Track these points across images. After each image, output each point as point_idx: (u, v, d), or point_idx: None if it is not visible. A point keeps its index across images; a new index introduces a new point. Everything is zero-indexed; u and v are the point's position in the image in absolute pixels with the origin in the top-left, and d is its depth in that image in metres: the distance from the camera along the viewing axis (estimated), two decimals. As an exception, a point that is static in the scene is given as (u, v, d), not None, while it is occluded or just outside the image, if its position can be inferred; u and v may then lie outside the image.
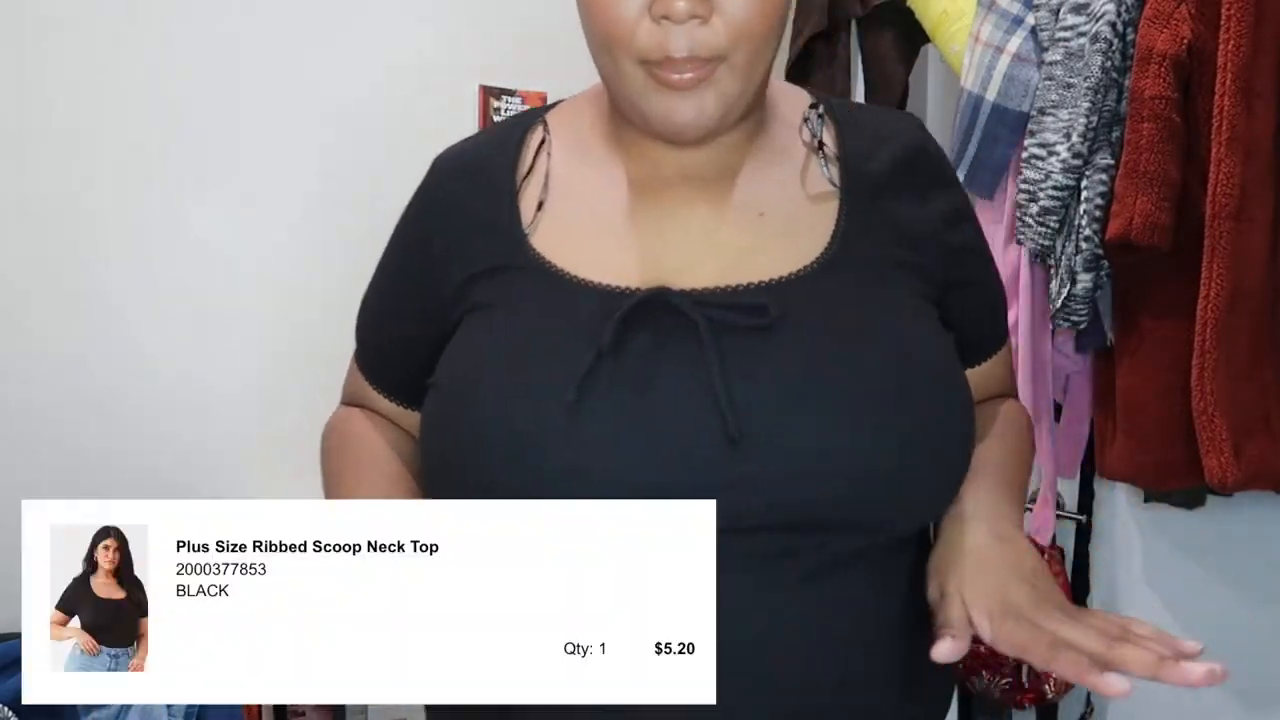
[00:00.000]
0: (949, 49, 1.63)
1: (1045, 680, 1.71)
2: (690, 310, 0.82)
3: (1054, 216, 1.47)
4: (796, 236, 0.88)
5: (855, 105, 1.01)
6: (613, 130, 0.93)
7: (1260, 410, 1.39)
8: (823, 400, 0.79)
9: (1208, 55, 1.36)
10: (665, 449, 0.77)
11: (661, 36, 0.80)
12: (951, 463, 0.85)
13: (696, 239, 0.88)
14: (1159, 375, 1.45)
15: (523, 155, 0.95)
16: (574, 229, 0.90)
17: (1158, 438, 1.47)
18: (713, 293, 0.84)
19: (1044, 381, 1.57)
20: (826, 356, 0.81)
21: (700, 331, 0.81)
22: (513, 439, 0.79)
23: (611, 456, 0.77)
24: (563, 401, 0.79)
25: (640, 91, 0.84)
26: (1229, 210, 1.34)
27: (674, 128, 0.85)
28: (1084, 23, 1.43)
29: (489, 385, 0.83)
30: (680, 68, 0.81)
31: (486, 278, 0.90)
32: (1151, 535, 1.75)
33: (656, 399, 0.80)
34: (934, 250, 0.91)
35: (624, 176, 0.92)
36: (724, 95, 0.83)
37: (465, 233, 0.93)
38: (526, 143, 0.96)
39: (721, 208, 0.89)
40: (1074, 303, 1.47)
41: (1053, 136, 1.44)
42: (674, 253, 0.88)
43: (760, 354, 0.81)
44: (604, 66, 0.86)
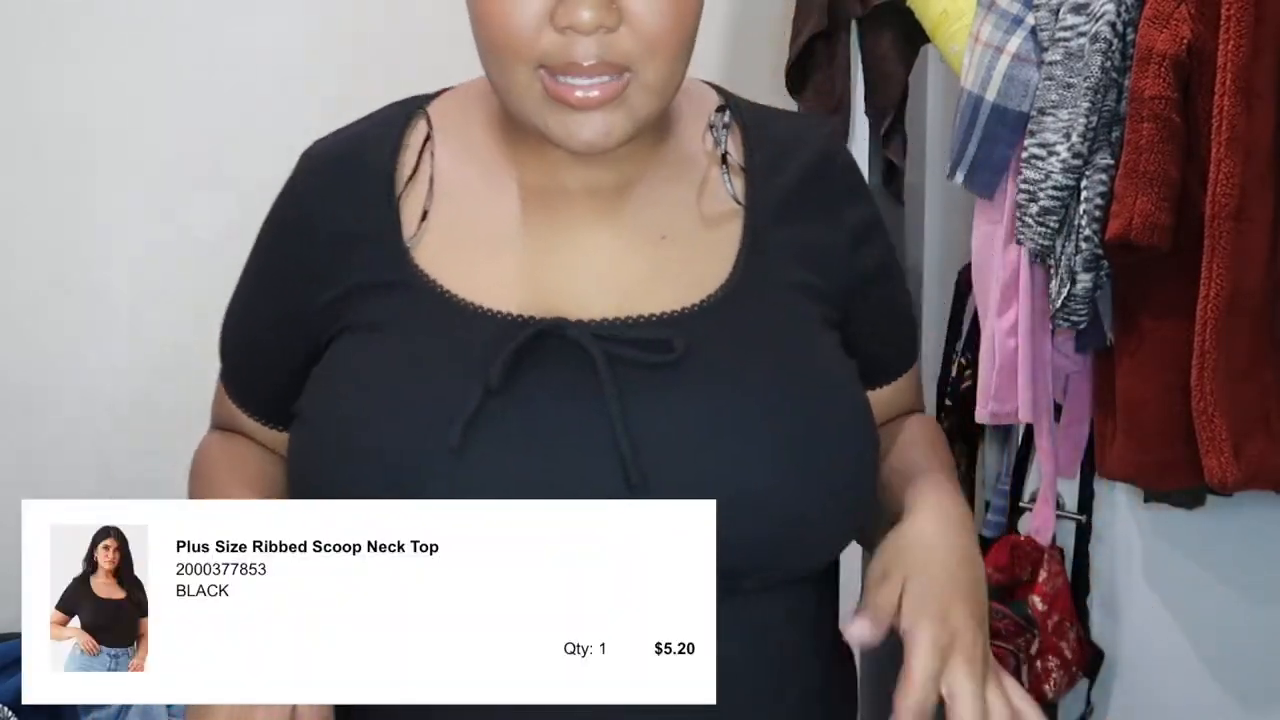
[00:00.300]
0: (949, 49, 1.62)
1: (1045, 680, 1.71)
2: (589, 345, 0.77)
3: (1054, 216, 1.46)
4: (699, 262, 0.83)
5: (764, 109, 0.95)
6: (505, 133, 0.86)
7: (1260, 410, 1.39)
8: (726, 443, 0.76)
9: (1208, 55, 1.36)
10: (558, 495, 0.72)
11: (566, 44, 0.75)
12: (859, 499, 0.82)
13: (596, 265, 0.82)
14: (1159, 375, 1.45)
15: (403, 155, 0.86)
16: (462, 244, 0.83)
17: (1157, 438, 1.47)
18: (612, 324, 0.79)
19: (1044, 381, 1.56)
20: (731, 396, 0.78)
21: (598, 368, 0.76)
22: (390, 485, 0.73)
23: None
24: (446, 444, 0.73)
25: (536, 107, 0.77)
26: (1229, 210, 1.34)
27: (577, 145, 0.78)
28: (1084, 23, 1.43)
29: (366, 421, 0.76)
30: (587, 83, 0.75)
31: (363, 294, 0.82)
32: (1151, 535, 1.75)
33: (550, 441, 0.74)
34: (840, 272, 0.87)
35: (517, 185, 0.84)
36: (635, 114, 0.78)
37: (339, 240, 0.84)
38: (407, 140, 0.86)
39: (622, 230, 0.84)
40: (1074, 303, 1.47)
41: (1052, 136, 1.44)
42: (572, 279, 0.81)
43: (662, 393, 0.76)
44: (497, 78, 0.79)
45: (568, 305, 0.80)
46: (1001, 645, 1.73)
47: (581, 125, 0.77)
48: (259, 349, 0.90)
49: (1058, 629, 1.72)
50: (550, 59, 0.75)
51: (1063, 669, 1.72)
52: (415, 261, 0.81)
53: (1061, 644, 1.72)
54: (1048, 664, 1.71)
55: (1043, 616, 1.71)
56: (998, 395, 1.55)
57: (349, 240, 0.83)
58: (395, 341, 0.79)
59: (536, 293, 0.81)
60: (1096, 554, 1.80)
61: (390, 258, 0.82)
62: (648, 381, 0.76)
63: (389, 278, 0.81)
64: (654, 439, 0.74)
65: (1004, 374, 1.54)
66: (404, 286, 0.81)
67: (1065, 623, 1.72)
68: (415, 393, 0.76)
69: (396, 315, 0.80)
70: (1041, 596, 1.72)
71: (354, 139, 0.89)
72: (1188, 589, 1.73)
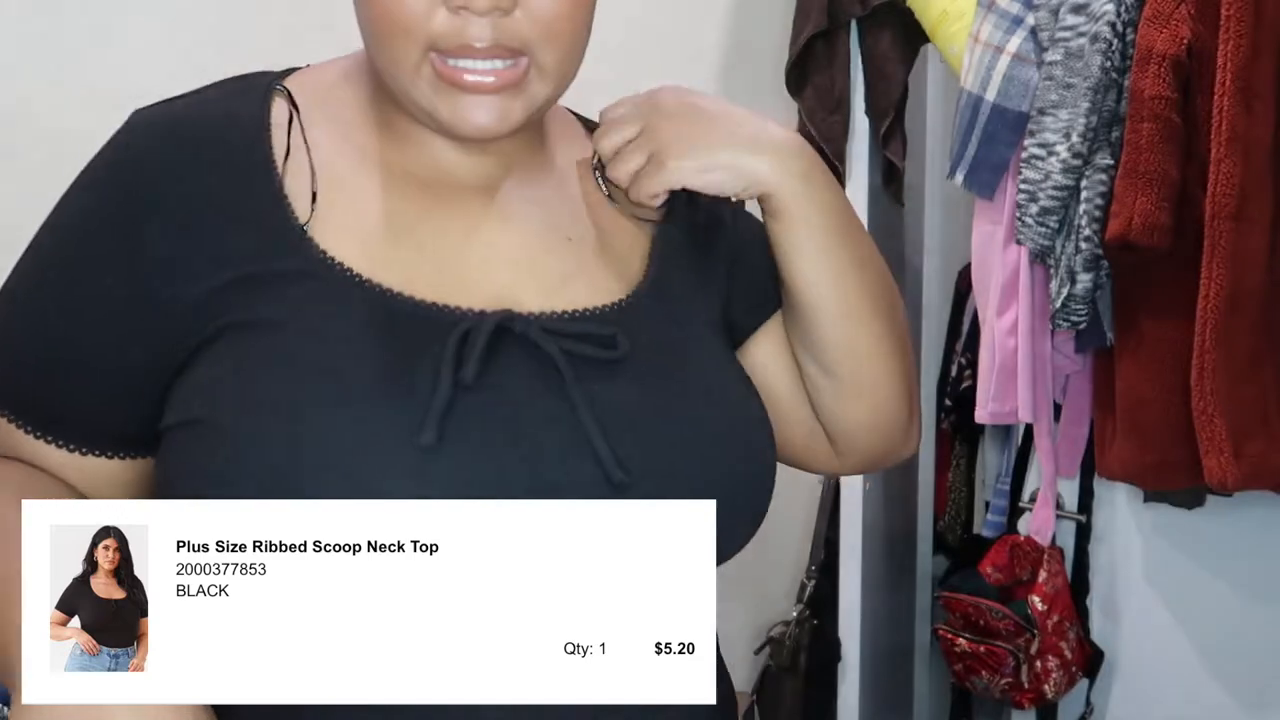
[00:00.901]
0: (949, 49, 1.63)
1: (1045, 680, 1.72)
2: (541, 340, 0.73)
3: (1054, 216, 1.47)
4: (608, 264, 0.82)
5: None
6: (381, 120, 0.79)
7: (1260, 410, 1.39)
8: (686, 437, 0.76)
9: (1207, 55, 1.36)
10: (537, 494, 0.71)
11: (459, 25, 0.71)
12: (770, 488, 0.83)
13: (511, 260, 0.78)
14: (1159, 375, 1.46)
15: (273, 133, 0.76)
16: (366, 232, 0.75)
17: (1157, 438, 1.47)
18: (551, 319, 0.76)
19: (1044, 381, 1.57)
20: (673, 390, 0.78)
21: (558, 364, 0.73)
22: (351, 486, 0.68)
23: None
24: (414, 442, 0.68)
25: (425, 91, 0.73)
26: (1228, 210, 1.34)
27: (468, 129, 0.74)
28: (1084, 23, 1.43)
29: (312, 424, 0.68)
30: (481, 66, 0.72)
31: (255, 285, 0.72)
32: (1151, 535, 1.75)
33: (525, 439, 0.71)
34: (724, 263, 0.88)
35: (401, 175, 0.78)
36: (530, 100, 0.75)
37: (212, 225, 0.73)
38: (273, 118, 0.77)
39: (528, 227, 0.80)
40: (1074, 303, 1.47)
41: (1052, 136, 1.44)
42: (489, 273, 0.77)
43: (614, 388, 0.75)
44: (384, 60, 0.74)
45: (500, 299, 0.76)
46: (1002, 645, 1.73)
47: (474, 109, 0.73)
48: (74, 355, 0.74)
49: (1058, 629, 1.72)
50: (442, 41, 0.71)
51: (1063, 669, 1.72)
52: (319, 249, 0.73)
53: (1061, 644, 1.72)
54: (1048, 664, 1.71)
55: (1043, 616, 1.71)
56: (997, 395, 1.55)
57: (225, 224, 0.73)
58: (320, 334, 0.71)
59: (464, 284, 0.76)
60: (1096, 554, 1.80)
61: (286, 246, 0.73)
62: (599, 377, 0.75)
63: (288, 267, 0.73)
64: (620, 434, 0.73)
65: (1004, 374, 1.54)
66: (311, 277, 0.73)
67: (1065, 623, 1.72)
68: (367, 389, 0.70)
69: (311, 307, 0.72)
70: (1041, 596, 1.72)
71: (195, 111, 0.77)
72: (1188, 589, 1.73)
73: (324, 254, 0.73)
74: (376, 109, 0.80)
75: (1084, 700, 1.80)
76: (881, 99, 1.77)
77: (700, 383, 0.80)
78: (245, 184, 0.74)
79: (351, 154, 0.78)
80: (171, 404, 0.73)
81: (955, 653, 1.79)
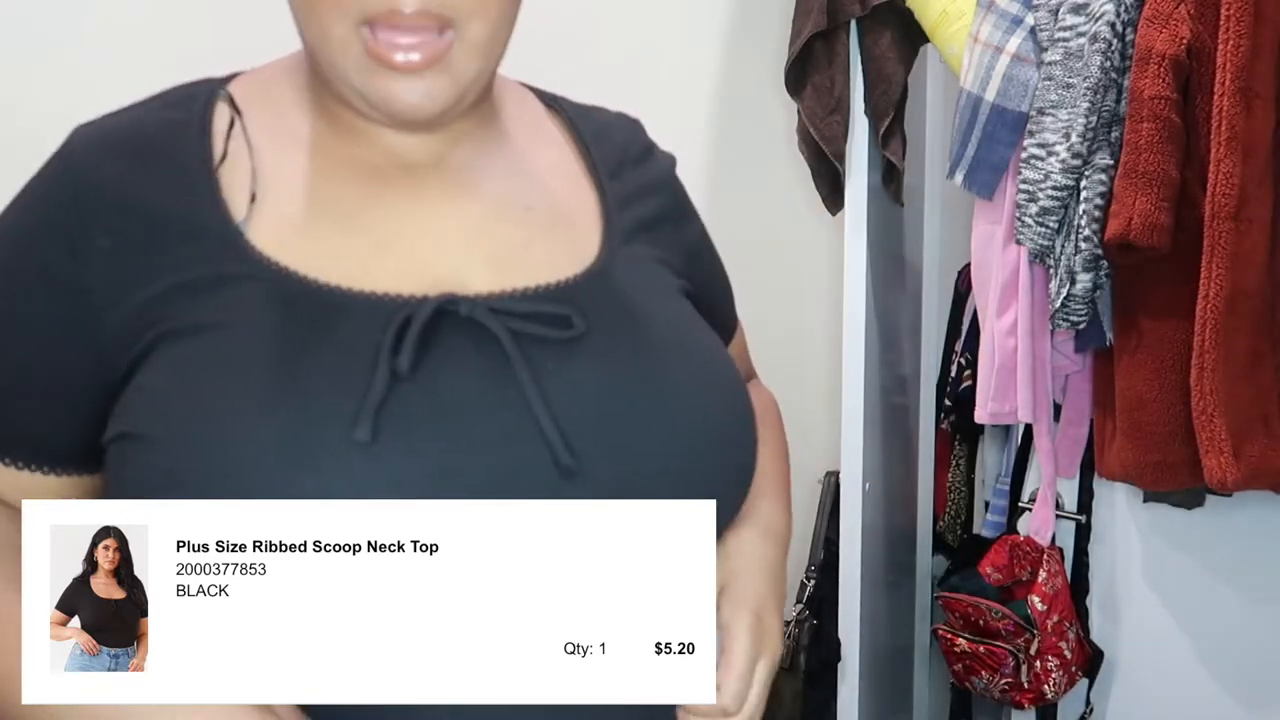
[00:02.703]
0: (948, 50, 1.63)
1: (1045, 680, 1.71)
2: (488, 321, 0.72)
3: (1053, 216, 1.47)
4: (567, 236, 0.81)
5: (581, 105, 0.94)
6: (321, 110, 0.79)
7: (1259, 410, 1.39)
8: (644, 418, 0.74)
9: (1207, 55, 1.36)
10: (489, 484, 0.69)
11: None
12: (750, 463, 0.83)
13: (463, 236, 0.77)
14: (1158, 375, 1.46)
15: (214, 139, 0.76)
16: (305, 228, 0.75)
17: (1157, 438, 1.47)
18: (501, 299, 0.75)
19: (1044, 381, 1.57)
20: (633, 366, 0.76)
21: (504, 346, 0.71)
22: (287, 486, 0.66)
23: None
24: (349, 438, 0.67)
25: (356, 68, 0.72)
26: (1228, 210, 1.34)
27: (397, 110, 0.73)
28: (1083, 23, 1.43)
29: (244, 429, 0.67)
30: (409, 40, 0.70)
31: (191, 291, 0.71)
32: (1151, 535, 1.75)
33: (466, 429, 0.70)
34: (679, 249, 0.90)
35: (347, 163, 0.78)
36: (459, 78, 0.73)
37: (152, 235, 0.73)
38: (213, 126, 0.77)
39: (483, 200, 0.79)
40: (1073, 303, 1.47)
41: (1052, 136, 1.44)
42: (440, 253, 0.76)
43: (569, 369, 0.73)
44: (313, 36, 0.73)
45: (445, 281, 0.74)
46: (1001, 645, 1.73)
47: (403, 89, 0.72)
48: (13, 370, 0.74)
49: (1057, 629, 1.72)
50: (370, 6, 0.70)
51: (1063, 669, 1.72)
52: (257, 250, 0.73)
53: (1061, 644, 1.72)
54: (1048, 664, 1.71)
55: (1042, 616, 1.71)
56: (997, 395, 1.55)
57: (162, 233, 0.73)
58: (258, 338, 0.70)
59: (408, 270, 0.74)
60: (1096, 554, 1.80)
61: (224, 249, 0.73)
62: (553, 357, 0.73)
63: (225, 270, 0.72)
64: (573, 418, 0.71)
65: (1004, 374, 1.54)
66: (249, 278, 0.72)
67: (1065, 623, 1.72)
68: (301, 387, 0.68)
69: (247, 308, 0.71)
70: (1041, 596, 1.72)
71: (134, 124, 0.77)
72: (1187, 589, 1.73)
73: (261, 254, 0.73)
74: (317, 99, 0.79)
75: (1084, 700, 1.80)
76: (881, 99, 1.76)
77: (669, 352, 0.79)
78: (182, 191, 0.74)
79: (295, 150, 0.78)
80: (114, 416, 0.72)
81: (955, 653, 1.79)
